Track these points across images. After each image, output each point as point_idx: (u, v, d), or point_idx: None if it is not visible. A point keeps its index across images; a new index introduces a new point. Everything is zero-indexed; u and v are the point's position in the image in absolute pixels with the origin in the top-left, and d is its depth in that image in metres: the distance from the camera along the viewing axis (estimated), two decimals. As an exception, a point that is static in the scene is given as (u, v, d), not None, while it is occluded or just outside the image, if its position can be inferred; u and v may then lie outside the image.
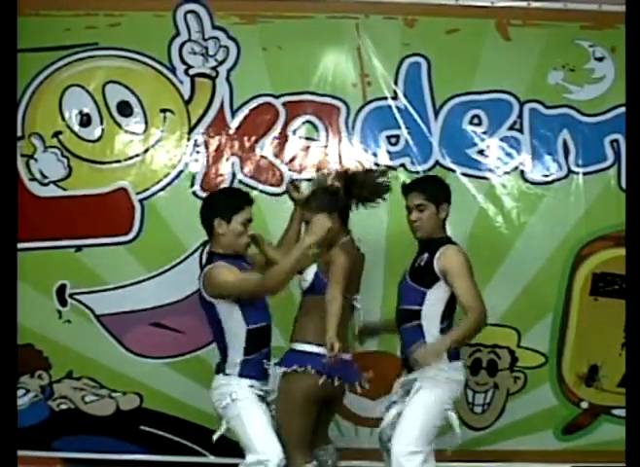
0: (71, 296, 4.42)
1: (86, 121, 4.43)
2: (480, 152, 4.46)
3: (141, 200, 4.41)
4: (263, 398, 3.64)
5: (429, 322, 3.61)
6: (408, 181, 3.90)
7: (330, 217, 3.59)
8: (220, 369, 3.66)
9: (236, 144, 4.45)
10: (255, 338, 3.61)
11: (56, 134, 4.42)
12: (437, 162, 4.42)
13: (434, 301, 3.61)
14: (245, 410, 3.55)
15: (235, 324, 3.57)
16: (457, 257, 3.62)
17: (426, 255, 3.65)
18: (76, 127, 4.43)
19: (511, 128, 4.46)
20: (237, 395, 3.55)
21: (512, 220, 4.44)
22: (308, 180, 4.09)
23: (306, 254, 3.53)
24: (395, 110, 4.44)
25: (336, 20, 4.45)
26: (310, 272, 3.68)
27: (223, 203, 3.67)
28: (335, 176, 3.79)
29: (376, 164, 4.38)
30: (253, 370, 3.62)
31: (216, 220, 3.62)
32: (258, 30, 4.44)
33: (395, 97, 4.45)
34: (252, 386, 3.60)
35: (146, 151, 4.44)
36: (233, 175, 4.43)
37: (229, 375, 3.61)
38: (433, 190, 3.72)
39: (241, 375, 3.60)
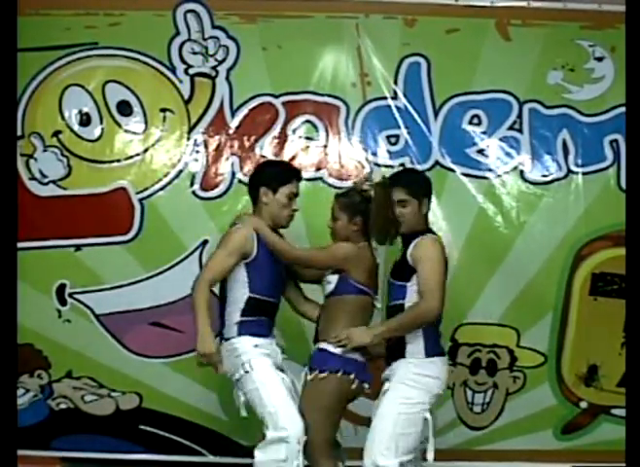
0: (71, 295, 4.42)
1: (85, 120, 4.43)
2: (480, 152, 4.46)
3: (141, 200, 4.41)
4: (271, 358, 3.61)
5: None
6: (387, 175, 3.82)
7: (351, 218, 3.64)
8: (221, 337, 3.65)
9: (236, 144, 4.44)
10: (255, 306, 3.60)
11: (56, 134, 4.42)
12: (436, 162, 4.42)
13: (414, 293, 3.55)
14: (262, 382, 3.52)
15: (238, 289, 3.59)
16: (428, 246, 3.54)
17: (404, 249, 3.62)
18: (76, 127, 4.43)
19: (510, 128, 4.45)
20: (250, 366, 3.53)
21: (511, 220, 4.44)
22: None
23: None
24: (395, 110, 4.44)
25: (336, 20, 4.45)
26: (334, 275, 3.65)
27: (271, 174, 3.71)
28: (370, 183, 3.71)
29: (376, 164, 4.41)
30: (251, 328, 3.59)
31: (262, 188, 3.67)
32: (258, 30, 4.44)
33: (395, 97, 4.45)
34: (257, 346, 3.57)
35: (146, 150, 4.43)
36: (233, 175, 4.43)
37: (229, 339, 3.60)
38: (416, 185, 3.67)
39: (240, 333, 3.58)
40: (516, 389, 4.51)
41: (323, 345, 3.63)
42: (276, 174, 3.72)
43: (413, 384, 3.49)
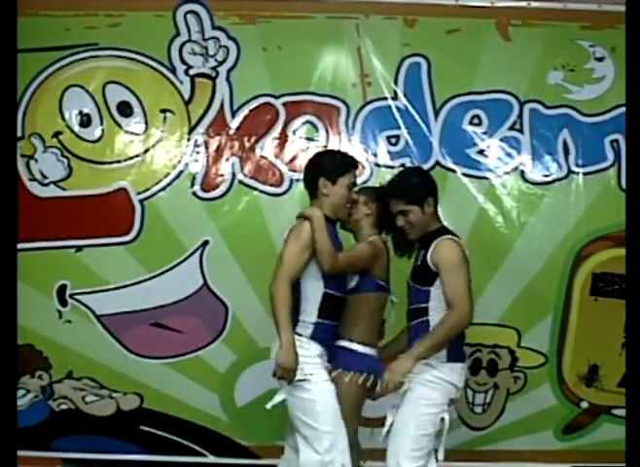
0: (71, 296, 4.42)
1: (86, 121, 4.43)
2: (481, 152, 4.46)
3: (141, 201, 4.41)
4: (327, 368, 3.57)
5: (435, 316, 3.56)
6: (384, 183, 3.83)
7: (367, 204, 3.69)
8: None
9: (236, 144, 4.44)
10: (330, 304, 3.56)
11: (56, 134, 4.42)
12: (437, 163, 4.42)
13: (439, 296, 3.54)
14: (321, 397, 3.45)
15: (312, 283, 3.54)
16: (449, 250, 3.54)
17: (422, 252, 3.62)
18: (76, 128, 4.43)
19: (511, 128, 4.45)
20: (311, 375, 3.45)
21: (512, 220, 4.44)
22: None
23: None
24: (395, 110, 4.44)
25: (336, 20, 4.45)
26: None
27: (329, 165, 3.65)
28: None
29: (377, 165, 4.41)
30: (324, 335, 3.55)
31: (321, 180, 3.61)
32: (258, 30, 4.44)
33: (395, 97, 4.45)
34: (322, 356, 3.54)
35: (146, 151, 4.44)
36: (233, 175, 4.43)
37: (299, 335, 3.50)
38: (412, 192, 3.63)
39: (313, 337, 3.52)
40: (517, 389, 4.51)
41: (346, 344, 3.63)
42: (335, 164, 3.65)
43: (434, 386, 3.49)
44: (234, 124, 4.45)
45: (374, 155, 4.45)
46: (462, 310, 3.47)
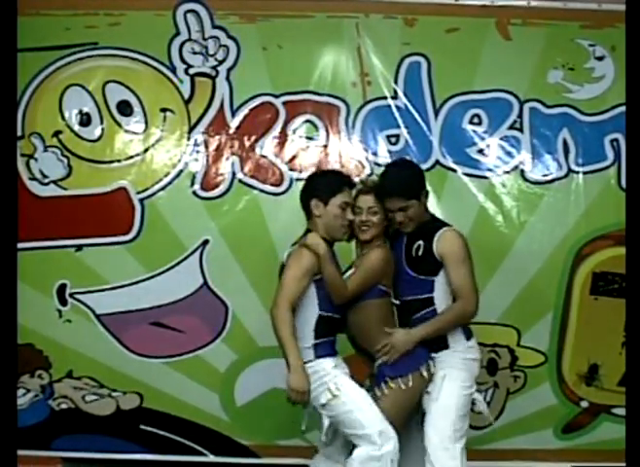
0: (71, 295, 4.42)
1: (86, 120, 4.43)
2: (481, 151, 4.46)
3: (141, 200, 4.41)
4: (348, 374, 3.55)
5: (442, 304, 3.59)
6: (375, 178, 3.81)
7: (379, 211, 3.62)
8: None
9: (236, 143, 4.44)
10: (325, 325, 3.54)
11: (56, 134, 4.42)
12: (437, 162, 4.42)
13: (444, 284, 3.59)
14: (354, 404, 3.44)
15: (309, 306, 3.51)
16: (454, 242, 3.58)
17: (421, 242, 3.61)
18: (76, 127, 4.43)
19: (511, 128, 4.45)
20: (338, 388, 3.45)
21: (512, 219, 4.44)
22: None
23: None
24: (395, 109, 4.44)
25: (336, 20, 4.45)
26: None
27: (320, 185, 3.63)
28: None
29: (377, 164, 4.41)
30: (327, 349, 3.54)
31: (313, 201, 3.59)
32: (258, 29, 4.44)
33: (395, 97, 4.45)
34: (336, 366, 3.52)
35: (146, 150, 4.44)
36: (233, 175, 4.43)
37: (306, 362, 3.47)
38: (411, 187, 3.63)
39: (318, 356, 3.50)
40: (517, 389, 4.51)
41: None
42: (326, 185, 3.61)
43: (465, 368, 3.58)
44: (234, 123, 4.44)
45: (374, 154, 4.45)
46: (469, 301, 3.56)
